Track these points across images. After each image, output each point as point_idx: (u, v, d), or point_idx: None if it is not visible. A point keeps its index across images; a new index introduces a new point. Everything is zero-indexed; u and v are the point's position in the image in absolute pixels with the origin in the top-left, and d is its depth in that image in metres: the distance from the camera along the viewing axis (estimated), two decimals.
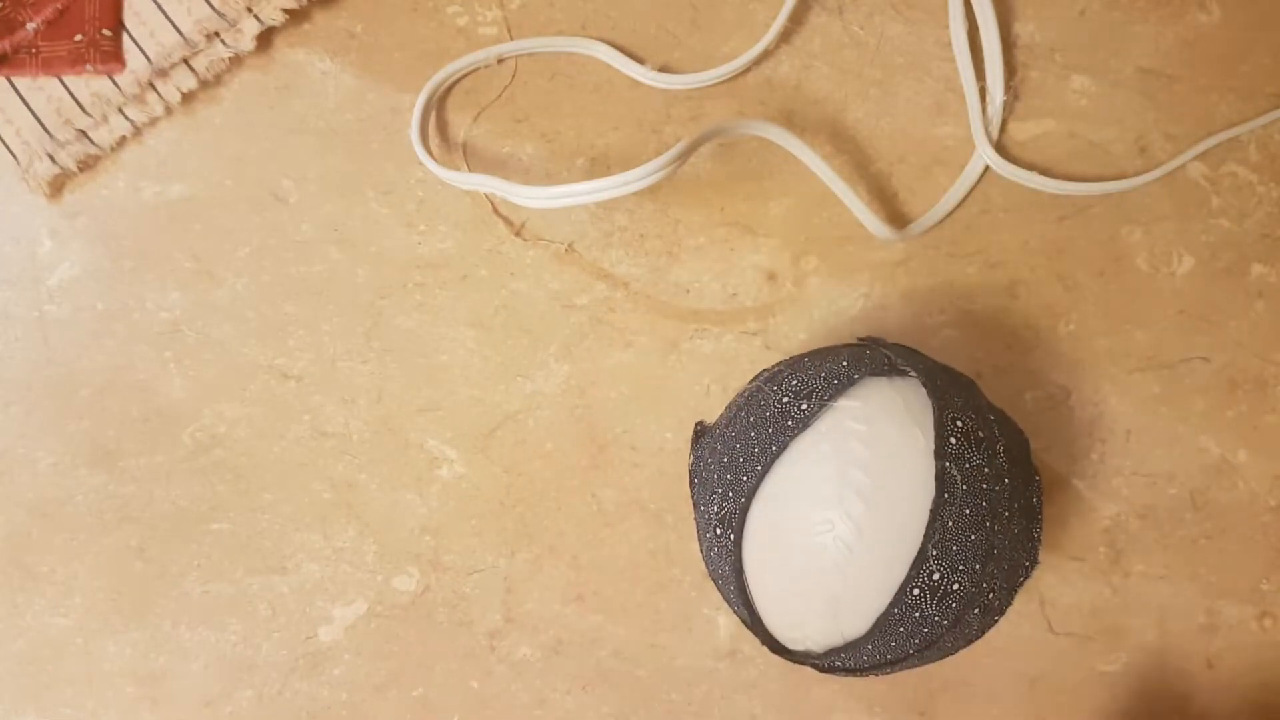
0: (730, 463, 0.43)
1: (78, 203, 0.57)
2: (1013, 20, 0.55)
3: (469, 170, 0.56)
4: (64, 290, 0.57)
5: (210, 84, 0.57)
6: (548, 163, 0.56)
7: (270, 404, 0.56)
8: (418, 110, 0.55)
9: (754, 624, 0.43)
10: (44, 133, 0.56)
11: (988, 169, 0.54)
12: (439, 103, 0.56)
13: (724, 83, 0.55)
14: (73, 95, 0.56)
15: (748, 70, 0.55)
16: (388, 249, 0.56)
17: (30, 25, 0.56)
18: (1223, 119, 0.54)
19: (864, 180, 0.55)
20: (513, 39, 0.56)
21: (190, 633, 0.55)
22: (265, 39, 0.56)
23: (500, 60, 0.56)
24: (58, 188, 0.57)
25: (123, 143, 0.57)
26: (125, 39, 0.56)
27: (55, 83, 0.56)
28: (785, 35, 0.55)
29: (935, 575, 0.39)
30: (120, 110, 0.56)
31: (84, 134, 0.56)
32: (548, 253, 0.55)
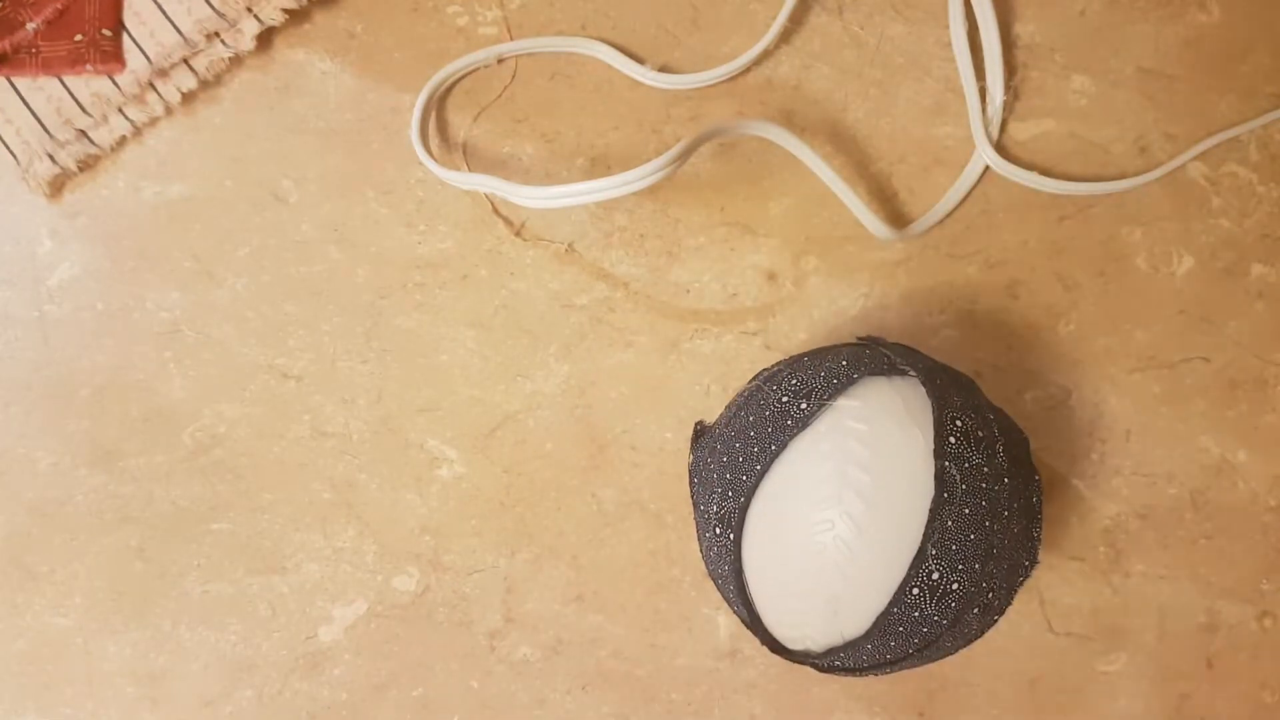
0: (730, 462, 0.43)
1: (78, 203, 0.57)
2: (1013, 20, 0.55)
3: (469, 170, 0.56)
4: (64, 290, 0.57)
5: (210, 84, 0.57)
6: (548, 163, 0.56)
7: (270, 404, 0.56)
8: (418, 110, 0.55)
9: (754, 624, 0.43)
10: (44, 133, 0.56)
11: (988, 169, 0.54)
12: (439, 103, 0.56)
13: (724, 83, 0.55)
14: (73, 95, 0.56)
15: (748, 70, 0.55)
16: (388, 249, 0.56)
17: (30, 25, 0.56)
18: (1223, 119, 0.54)
19: (864, 180, 0.55)
20: (513, 39, 0.56)
21: (190, 633, 0.55)
22: (265, 39, 0.56)
23: (500, 60, 0.56)
24: (58, 188, 0.57)
25: (123, 143, 0.57)
26: (125, 39, 0.56)
27: (55, 83, 0.56)
28: (785, 35, 0.55)
29: (935, 575, 0.39)
30: (120, 110, 0.56)
31: (84, 134, 0.56)
32: (548, 253, 0.55)
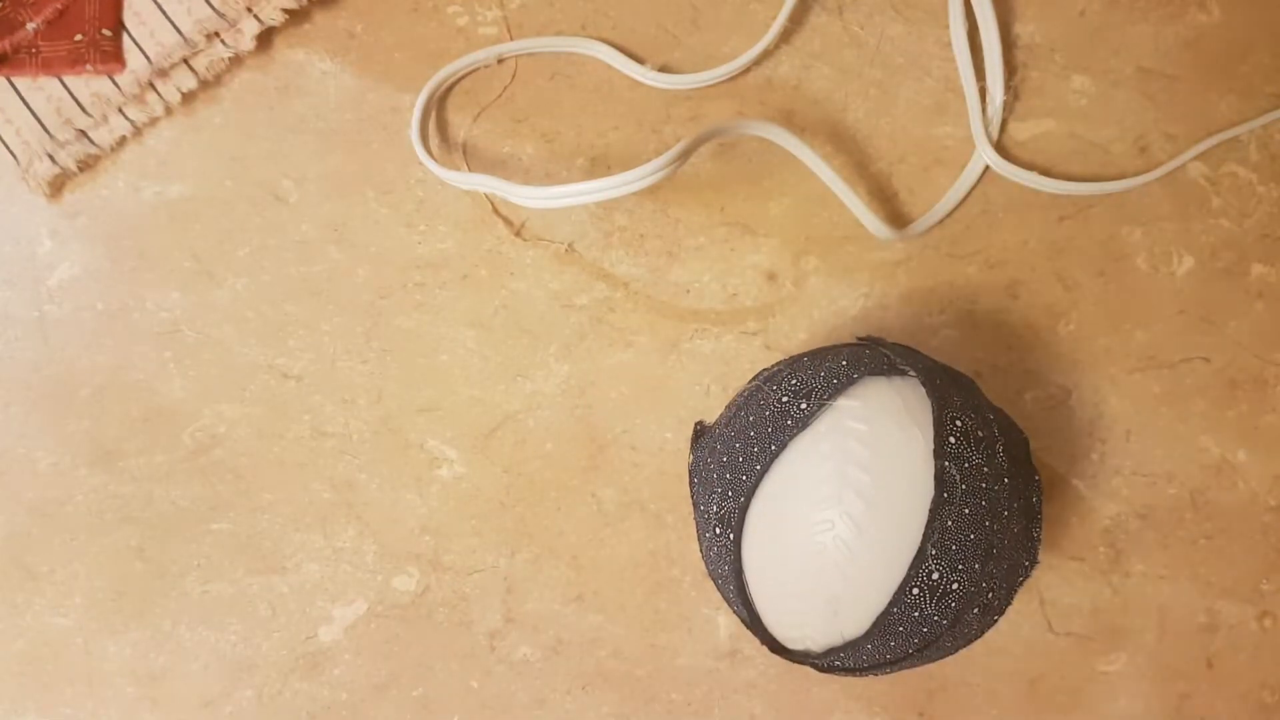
0: (730, 462, 0.43)
1: (78, 203, 0.57)
2: (1013, 20, 0.55)
3: (469, 170, 0.56)
4: (64, 290, 0.57)
5: (210, 84, 0.57)
6: (548, 163, 0.56)
7: (270, 404, 0.56)
8: (418, 110, 0.55)
9: (753, 624, 0.43)
10: (44, 133, 0.56)
11: (988, 169, 0.54)
12: (439, 103, 0.56)
13: (724, 83, 0.55)
14: (73, 95, 0.56)
15: (748, 70, 0.55)
16: (388, 249, 0.56)
17: (30, 25, 0.56)
18: (1223, 119, 0.54)
19: (864, 180, 0.55)
20: (513, 39, 0.56)
21: (190, 633, 0.55)
22: (265, 39, 0.56)
23: (500, 60, 0.56)
24: (58, 188, 0.57)
25: (123, 143, 0.57)
26: (125, 39, 0.56)
27: (55, 83, 0.56)
28: (785, 35, 0.55)
29: (935, 575, 0.39)
30: (120, 110, 0.56)
31: (84, 134, 0.56)
32: (548, 253, 0.55)
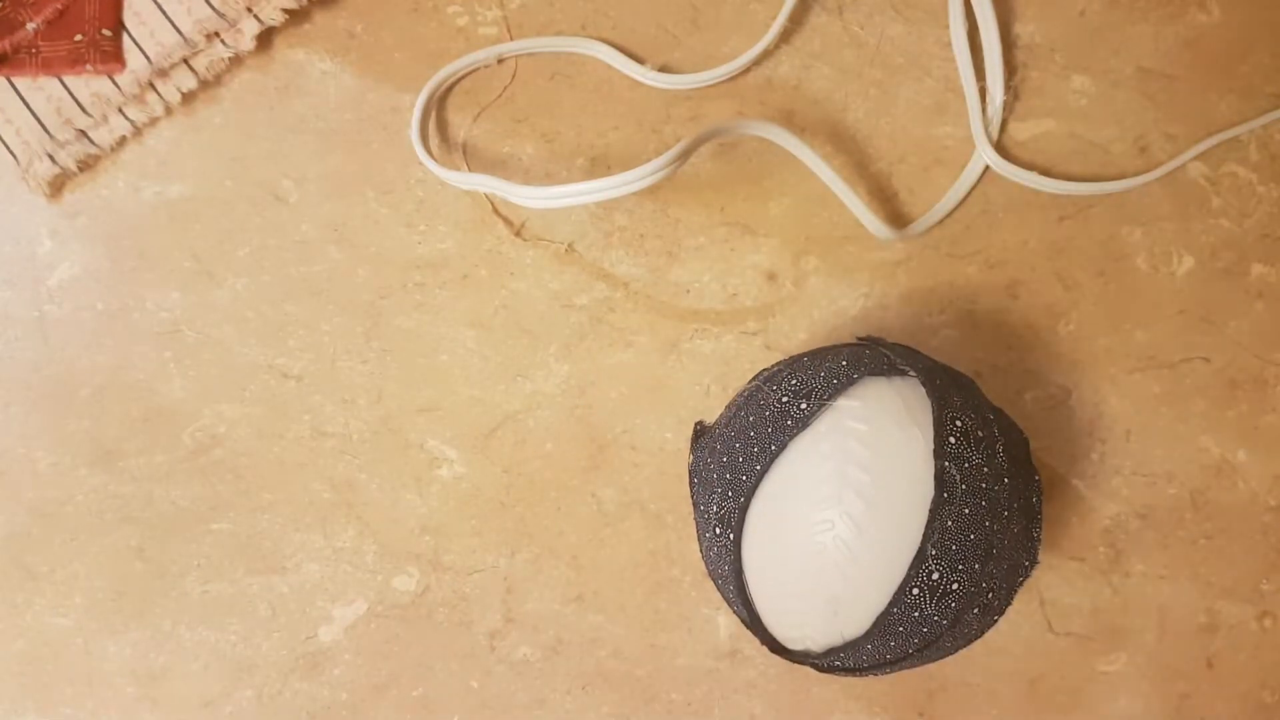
0: (730, 462, 0.43)
1: (78, 203, 0.57)
2: (1013, 20, 0.55)
3: (469, 170, 0.56)
4: (64, 290, 0.57)
5: (210, 84, 0.57)
6: (548, 163, 0.56)
7: (270, 404, 0.56)
8: (417, 110, 0.55)
9: (753, 624, 0.43)
10: (44, 133, 0.56)
11: (988, 169, 0.54)
12: (439, 103, 0.56)
13: (724, 83, 0.55)
14: (73, 95, 0.56)
15: (748, 70, 0.55)
16: (388, 249, 0.56)
17: (30, 25, 0.56)
18: (1223, 119, 0.54)
19: (864, 180, 0.55)
20: (513, 39, 0.56)
21: (190, 633, 0.55)
22: (265, 39, 0.56)
23: (500, 60, 0.56)
24: (58, 188, 0.57)
25: (123, 143, 0.57)
26: (125, 39, 0.56)
27: (55, 83, 0.56)
28: (785, 35, 0.55)
29: (935, 575, 0.39)
30: (120, 110, 0.56)
31: (84, 134, 0.56)
32: (548, 253, 0.55)
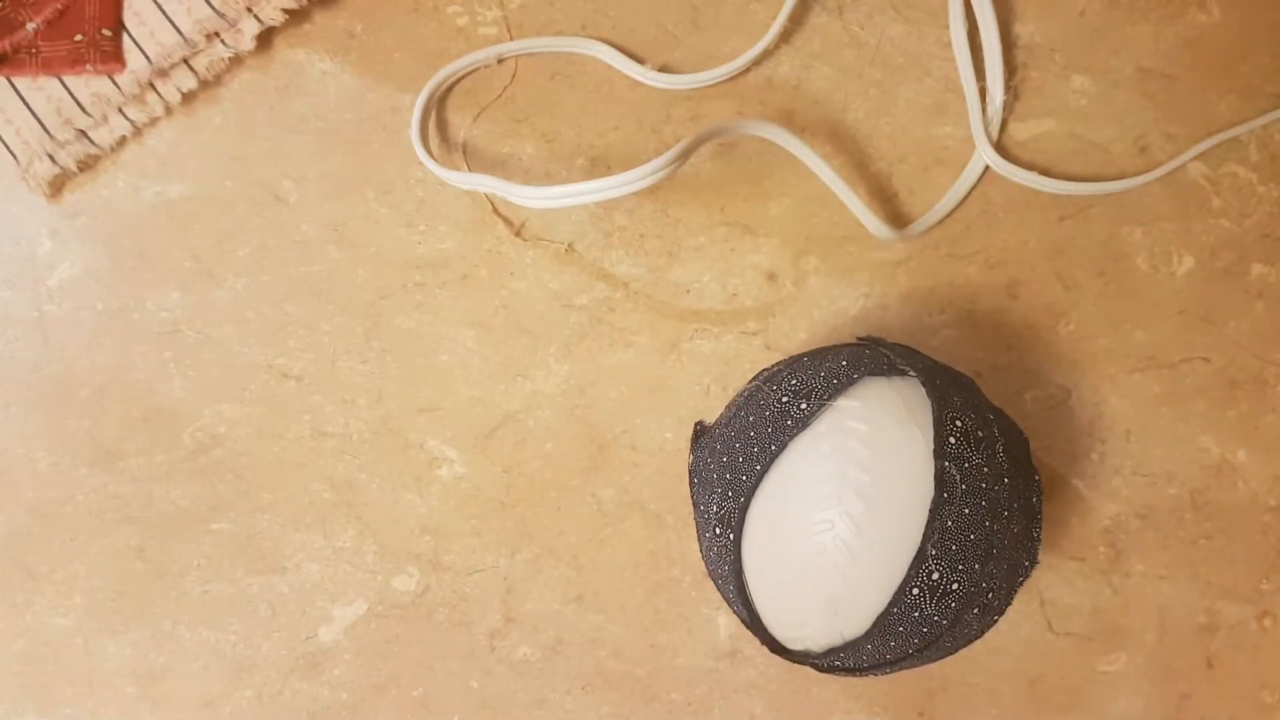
0: (730, 462, 0.43)
1: (78, 203, 0.57)
2: (1013, 20, 0.55)
3: (469, 170, 0.56)
4: (64, 290, 0.57)
5: (210, 84, 0.57)
6: (548, 163, 0.56)
7: (270, 404, 0.56)
8: (417, 110, 0.55)
9: (753, 624, 0.43)
10: (44, 133, 0.56)
11: (988, 169, 0.54)
12: (439, 103, 0.56)
13: (724, 83, 0.55)
14: (73, 95, 0.56)
15: (748, 70, 0.55)
16: (388, 249, 0.56)
17: (30, 25, 0.56)
18: (1223, 119, 0.54)
19: (864, 180, 0.55)
20: (513, 39, 0.56)
21: (190, 633, 0.55)
22: (265, 39, 0.56)
23: (500, 60, 0.56)
24: (58, 188, 0.57)
25: (123, 143, 0.57)
26: (125, 39, 0.56)
27: (55, 83, 0.56)
28: (785, 35, 0.55)
29: (935, 575, 0.39)
30: (120, 110, 0.56)
31: (84, 134, 0.56)
32: (548, 253, 0.55)
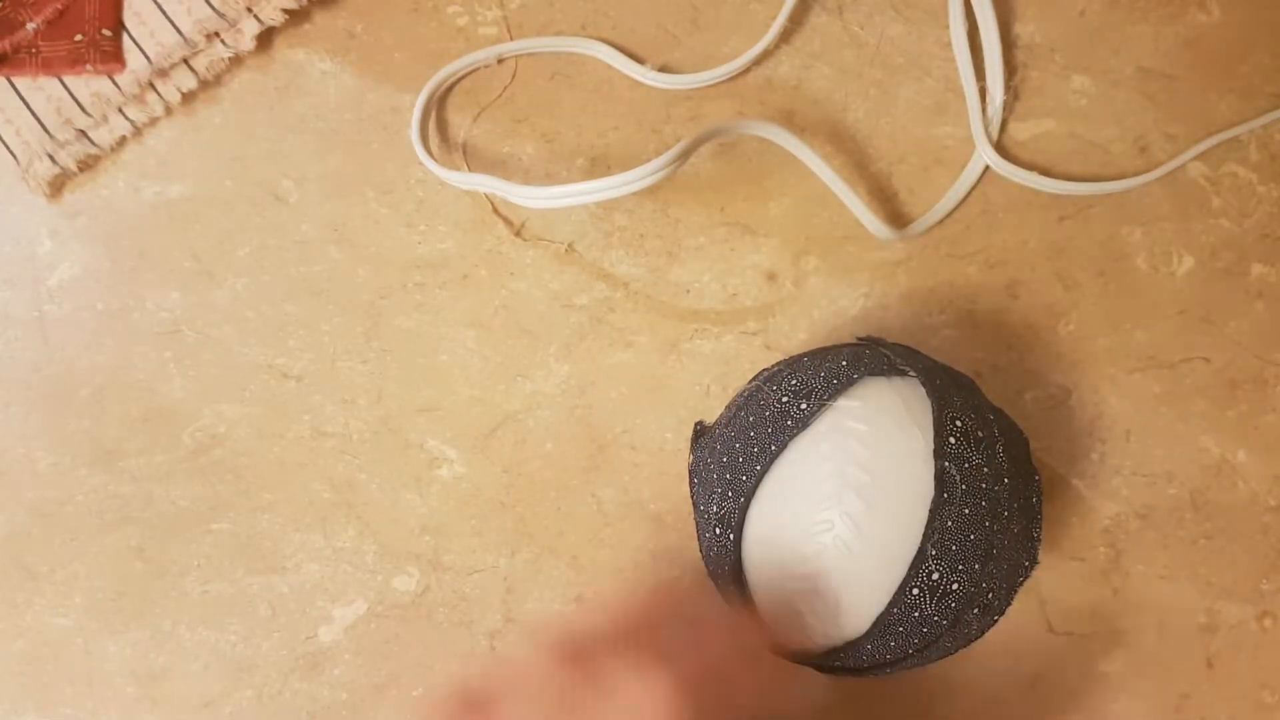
0: (730, 462, 0.43)
1: (78, 203, 0.57)
2: (1013, 20, 0.55)
3: (469, 170, 0.56)
4: (64, 290, 0.57)
5: (210, 84, 0.57)
6: (548, 163, 0.56)
7: (270, 404, 0.56)
8: (418, 110, 0.55)
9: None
10: (44, 133, 0.56)
11: (988, 169, 0.54)
12: (439, 103, 0.56)
13: (724, 83, 0.55)
14: (73, 95, 0.56)
15: (748, 70, 0.55)
16: (388, 249, 0.56)
17: (30, 25, 0.56)
18: (1223, 119, 0.54)
19: (864, 180, 0.55)
20: (513, 39, 0.56)
21: (190, 633, 0.55)
22: (265, 39, 0.56)
23: (500, 60, 0.56)
24: (58, 188, 0.57)
25: (123, 143, 0.57)
26: (125, 39, 0.56)
27: (55, 83, 0.56)
28: (785, 35, 0.55)
29: (934, 575, 0.39)
30: (120, 110, 0.56)
31: (84, 134, 0.56)
32: (548, 253, 0.55)
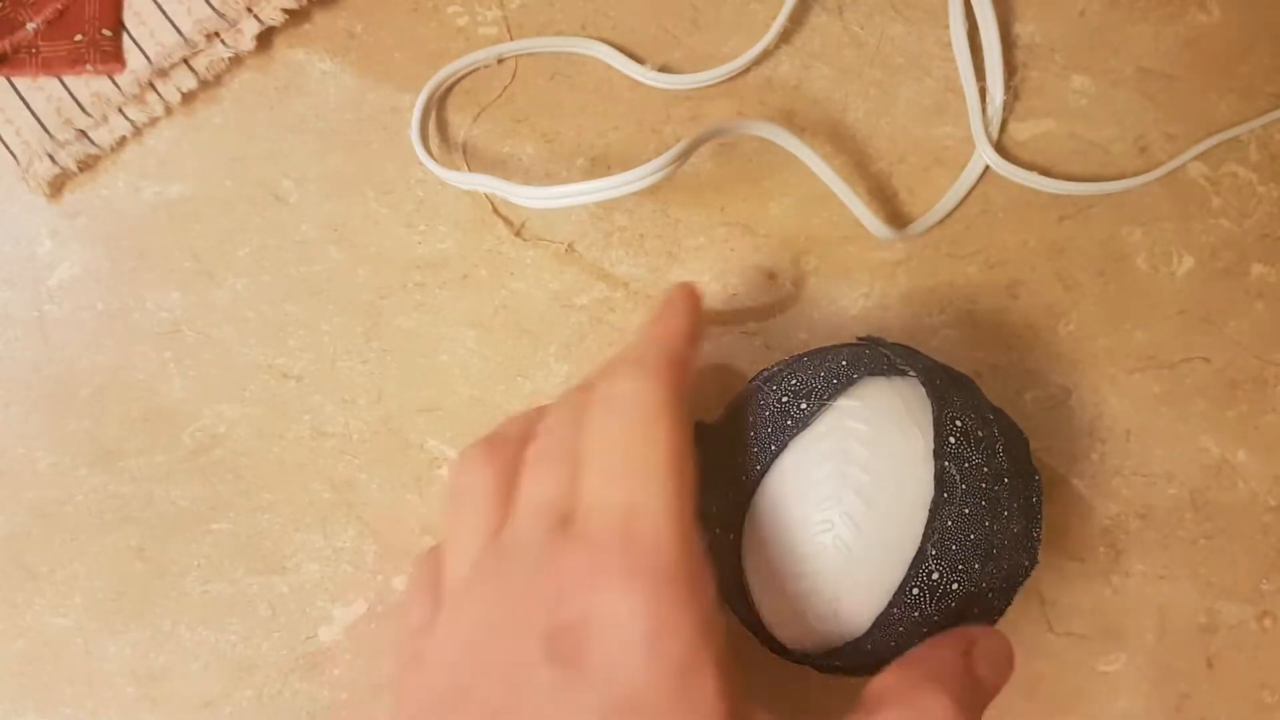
0: (729, 462, 0.43)
1: (78, 203, 0.57)
2: (1013, 20, 0.55)
3: (469, 170, 0.56)
4: (64, 290, 0.57)
5: (210, 84, 0.57)
6: (548, 162, 0.56)
7: (270, 404, 0.56)
8: (418, 110, 0.55)
9: (754, 624, 0.43)
10: (44, 133, 0.56)
11: (988, 169, 0.54)
12: (439, 103, 0.56)
13: (724, 83, 0.55)
14: (73, 95, 0.56)
15: (747, 70, 0.55)
16: (388, 249, 0.56)
17: (30, 25, 0.56)
18: (1223, 119, 0.54)
19: (864, 180, 0.55)
20: (512, 39, 0.56)
21: (190, 633, 0.55)
22: (265, 39, 0.56)
23: (500, 60, 0.56)
24: (58, 188, 0.57)
25: (123, 143, 0.57)
26: (125, 39, 0.56)
27: (55, 83, 0.56)
28: (785, 35, 0.55)
29: (934, 575, 0.39)
30: (120, 110, 0.56)
31: (84, 134, 0.56)
32: (548, 253, 0.55)
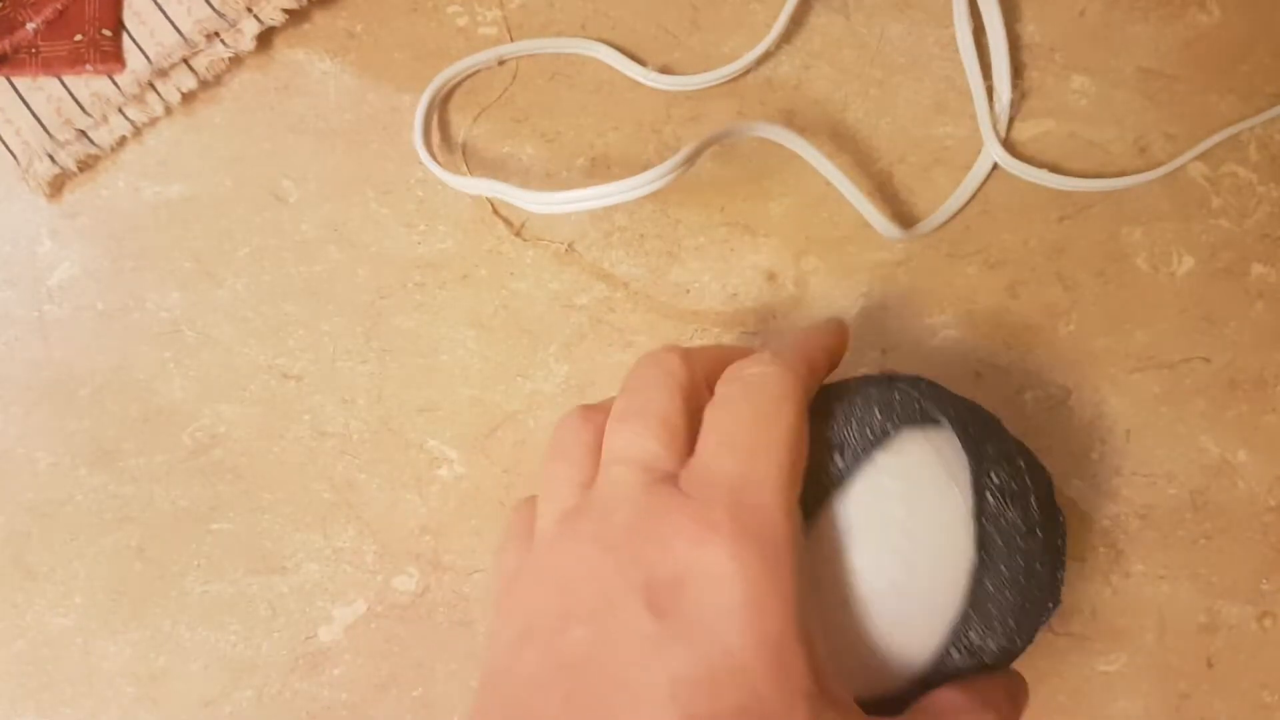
0: None
1: (78, 203, 0.57)
2: (1012, 20, 0.55)
3: (469, 170, 0.56)
4: (64, 290, 0.57)
5: (210, 84, 0.57)
6: (548, 163, 0.56)
7: (270, 404, 0.56)
8: (419, 114, 0.55)
9: None
10: (44, 133, 0.56)
11: (995, 167, 0.54)
12: (439, 104, 0.56)
13: (724, 83, 0.55)
14: (73, 95, 0.56)
15: (748, 71, 0.55)
16: (388, 249, 0.56)
17: (30, 25, 0.56)
18: (1223, 119, 0.54)
19: (865, 180, 0.55)
20: (513, 39, 0.56)
21: (190, 633, 0.55)
22: (265, 39, 0.56)
23: (501, 62, 0.56)
24: (58, 188, 0.57)
25: (123, 143, 0.57)
26: (125, 39, 0.56)
27: (55, 83, 0.56)
28: (786, 35, 0.55)
29: (972, 635, 0.38)
30: (120, 110, 0.56)
31: (84, 134, 0.56)
32: (548, 253, 0.55)
